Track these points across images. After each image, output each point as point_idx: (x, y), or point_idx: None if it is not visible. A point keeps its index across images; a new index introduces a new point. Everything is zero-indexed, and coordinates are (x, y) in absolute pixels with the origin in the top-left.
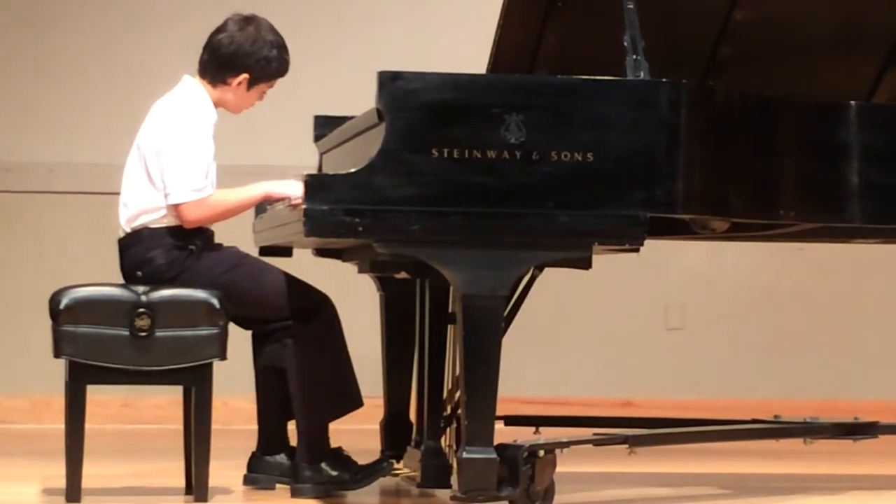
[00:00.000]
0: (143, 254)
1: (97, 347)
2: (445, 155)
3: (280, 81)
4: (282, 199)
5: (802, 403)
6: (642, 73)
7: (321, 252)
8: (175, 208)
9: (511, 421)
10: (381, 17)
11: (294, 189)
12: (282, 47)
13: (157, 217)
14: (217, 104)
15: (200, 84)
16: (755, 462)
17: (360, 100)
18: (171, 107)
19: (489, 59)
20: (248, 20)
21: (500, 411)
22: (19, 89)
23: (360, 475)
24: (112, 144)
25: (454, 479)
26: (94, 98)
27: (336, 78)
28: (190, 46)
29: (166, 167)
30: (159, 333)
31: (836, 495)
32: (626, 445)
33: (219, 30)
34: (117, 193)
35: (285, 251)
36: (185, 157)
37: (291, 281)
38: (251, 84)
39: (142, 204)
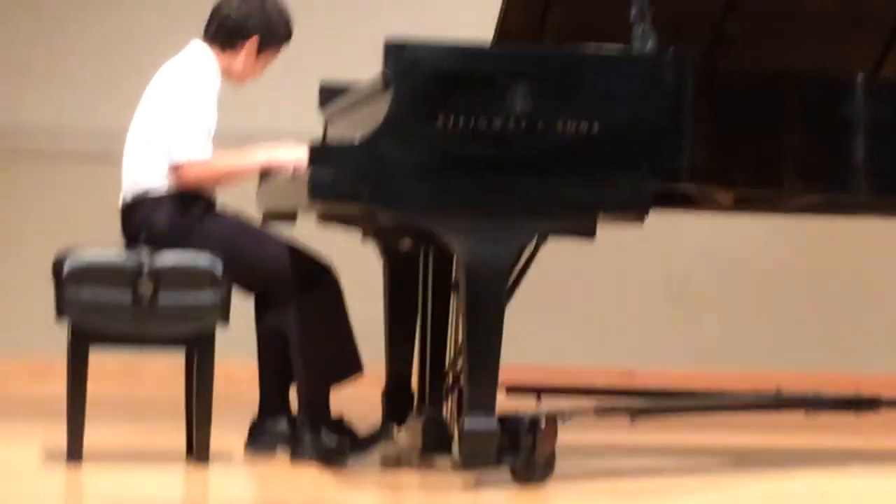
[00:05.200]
0: (145, 218)
1: (100, 312)
2: (451, 124)
3: (286, 48)
4: (283, 169)
5: (804, 376)
6: (649, 44)
7: (325, 219)
8: (176, 169)
9: (513, 389)
10: None
11: (294, 153)
12: (287, 12)
13: (159, 182)
14: (224, 73)
15: (208, 49)
16: (756, 434)
17: (367, 67)
18: (177, 69)
19: (495, 29)
20: None
21: (501, 379)
22: (24, 50)
23: (361, 442)
24: (117, 108)
25: (455, 448)
26: (99, 60)
27: (342, 45)
28: (197, 10)
29: (168, 127)
30: (162, 298)
31: (838, 468)
32: (628, 416)
33: None
34: (120, 157)
35: (289, 217)
36: (187, 117)
37: (294, 247)
38: (260, 49)
39: (145, 168)
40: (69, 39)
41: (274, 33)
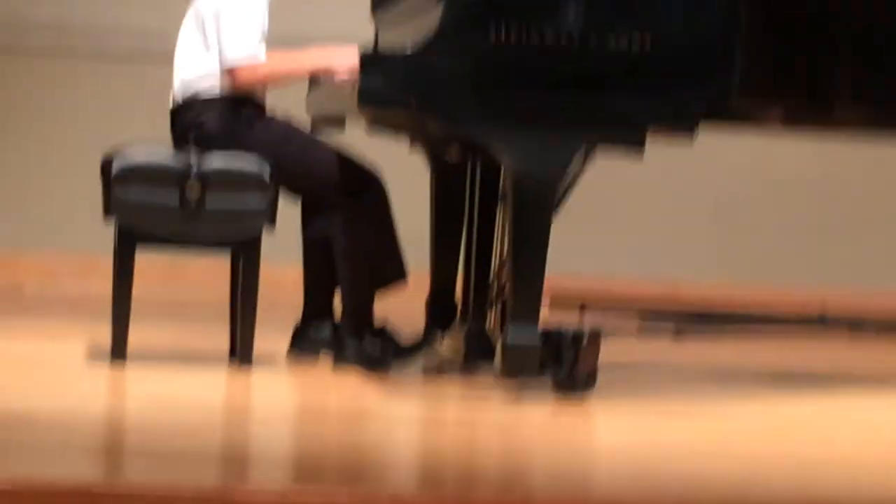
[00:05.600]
0: (195, 120)
1: (147, 213)
2: (503, 36)
3: None
4: (337, 73)
5: (850, 293)
6: None
7: (374, 126)
8: (230, 70)
9: (557, 302)
10: None
11: (347, 58)
12: None
13: (210, 84)
14: None
15: None
16: (800, 353)
17: None
18: None
19: None
20: None
21: (546, 289)
22: None
23: (404, 350)
24: (167, 7)
25: (497, 359)
26: None
27: None
28: None
29: (222, 28)
30: (209, 201)
31: (882, 385)
32: (672, 333)
33: None
34: (168, 60)
35: (338, 124)
36: (241, 19)
37: (342, 155)
38: None
39: (195, 70)
40: None
41: None
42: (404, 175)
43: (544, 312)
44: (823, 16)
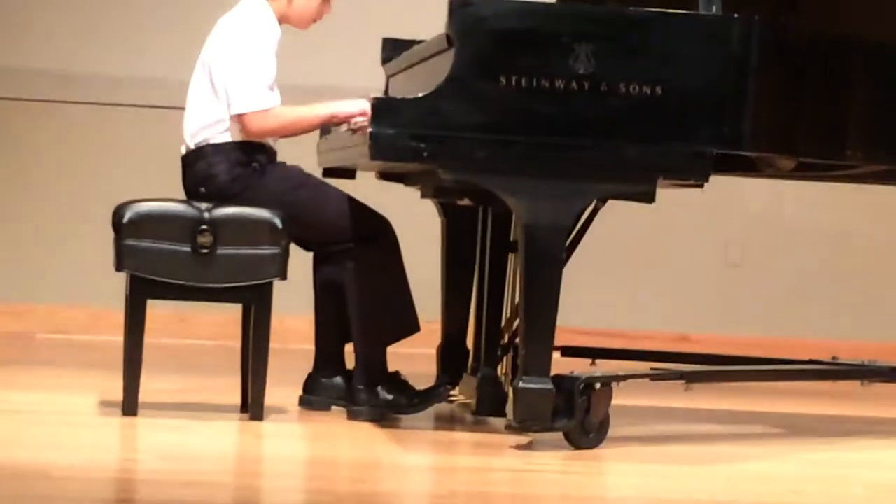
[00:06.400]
0: (206, 169)
1: (159, 262)
2: (514, 83)
3: (350, 2)
4: (347, 121)
5: (861, 344)
6: (714, 7)
7: (385, 176)
8: (239, 119)
9: (568, 352)
10: None
11: (359, 107)
12: None
13: (220, 132)
14: (281, 20)
15: (265, 1)
16: (811, 403)
17: (430, 24)
18: (235, 21)
19: None
20: None
21: (557, 341)
22: (85, 2)
23: (417, 400)
24: (176, 59)
25: (509, 408)
26: (159, 12)
27: (405, 1)
28: None
29: (230, 79)
30: (221, 251)
31: (892, 439)
32: (683, 381)
33: None
34: (181, 108)
35: (349, 173)
36: (249, 68)
37: (354, 203)
38: None
39: (206, 118)
40: None
41: None
42: (415, 222)
43: (556, 360)
44: (835, 65)
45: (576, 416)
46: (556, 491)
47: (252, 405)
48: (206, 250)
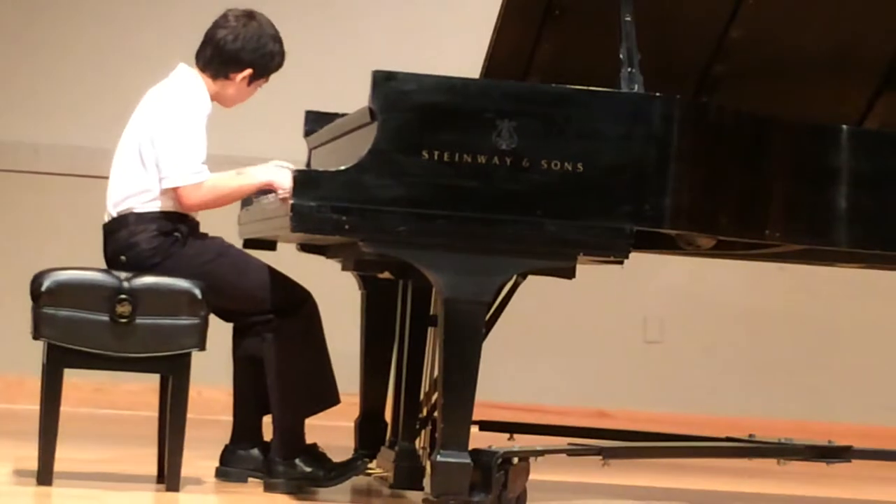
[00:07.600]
0: (127, 238)
1: (77, 331)
2: (436, 157)
3: (274, 74)
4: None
5: (777, 423)
6: (636, 87)
7: (305, 248)
8: (174, 192)
9: (486, 426)
10: (376, 14)
11: (290, 176)
12: (281, 42)
13: (145, 201)
14: (214, 97)
15: (198, 74)
16: (728, 479)
17: (353, 97)
18: (168, 94)
19: (483, 64)
20: (250, 15)
21: (475, 415)
22: (8, 68)
23: (334, 473)
24: (99, 128)
25: (427, 482)
26: (82, 80)
27: (328, 74)
28: (182, 32)
29: (162, 152)
30: (140, 320)
31: None
32: (601, 457)
33: (220, 25)
34: (103, 177)
35: (269, 245)
36: (183, 141)
37: (274, 275)
38: (252, 79)
39: (131, 188)
40: (53, 59)
41: (268, 65)
42: (336, 295)
43: (474, 434)
44: (756, 145)
45: (493, 490)
46: None
47: (169, 476)
48: (124, 320)
